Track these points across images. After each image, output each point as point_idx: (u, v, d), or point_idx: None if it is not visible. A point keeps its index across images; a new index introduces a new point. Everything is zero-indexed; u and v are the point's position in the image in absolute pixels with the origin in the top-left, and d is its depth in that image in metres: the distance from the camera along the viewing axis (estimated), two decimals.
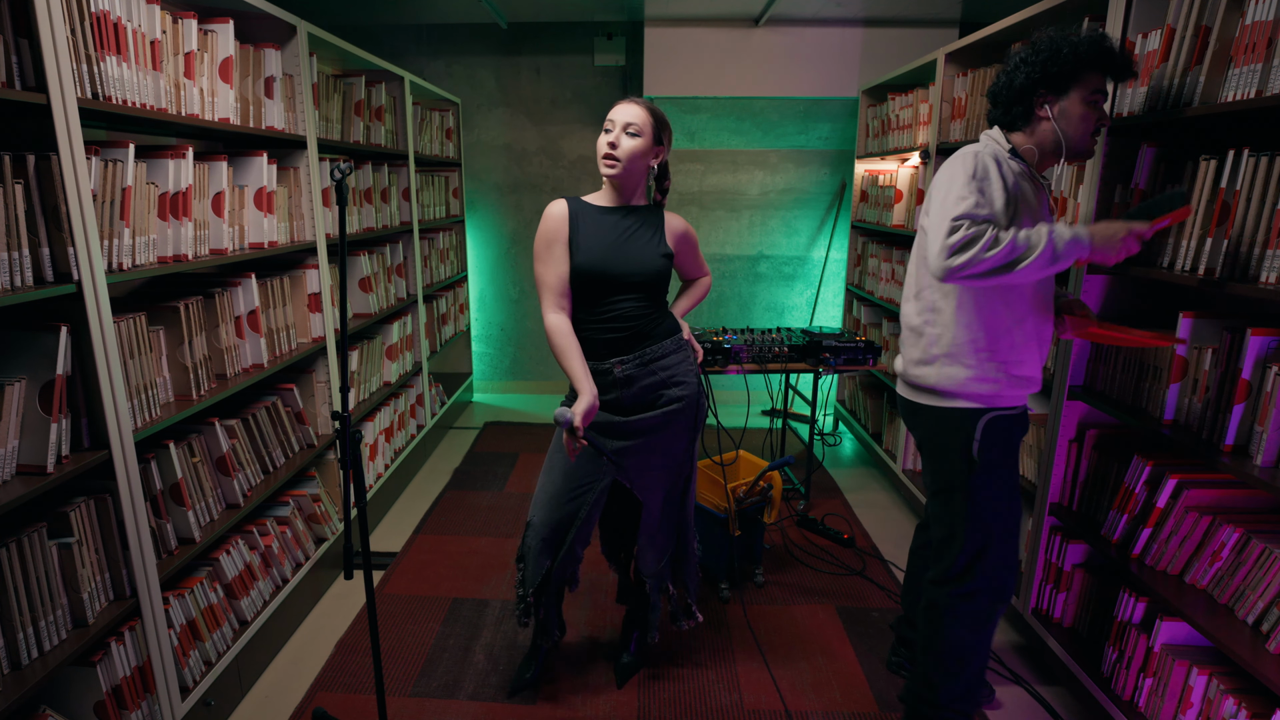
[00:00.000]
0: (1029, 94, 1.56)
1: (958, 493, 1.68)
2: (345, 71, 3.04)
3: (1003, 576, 1.70)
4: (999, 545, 1.68)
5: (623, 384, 1.77)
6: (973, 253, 1.40)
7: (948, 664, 1.73)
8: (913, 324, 1.73)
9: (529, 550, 1.90)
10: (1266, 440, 1.48)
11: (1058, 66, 1.51)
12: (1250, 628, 1.52)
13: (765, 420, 4.38)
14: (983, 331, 1.61)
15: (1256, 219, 1.46)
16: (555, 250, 1.72)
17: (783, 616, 2.39)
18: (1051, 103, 1.55)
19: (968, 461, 1.65)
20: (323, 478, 2.57)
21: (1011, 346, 1.61)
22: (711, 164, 4.29)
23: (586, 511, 1.84)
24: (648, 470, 1.84)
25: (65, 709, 1.50)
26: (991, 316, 1.60)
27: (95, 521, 1.52)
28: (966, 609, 1.70)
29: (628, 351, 1.76)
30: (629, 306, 1.74)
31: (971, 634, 1.72)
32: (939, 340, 1.66)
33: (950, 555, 1.70)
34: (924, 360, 1.69)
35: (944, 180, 1.51)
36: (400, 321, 3.32)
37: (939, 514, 1.74)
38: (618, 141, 1.69)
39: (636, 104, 1.71)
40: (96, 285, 1.46)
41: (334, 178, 1.42)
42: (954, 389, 1.65)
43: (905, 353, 1.77)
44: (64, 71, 1.37)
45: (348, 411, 1.49)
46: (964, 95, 2.76)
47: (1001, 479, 1.67)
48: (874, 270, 3.69)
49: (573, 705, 1.98)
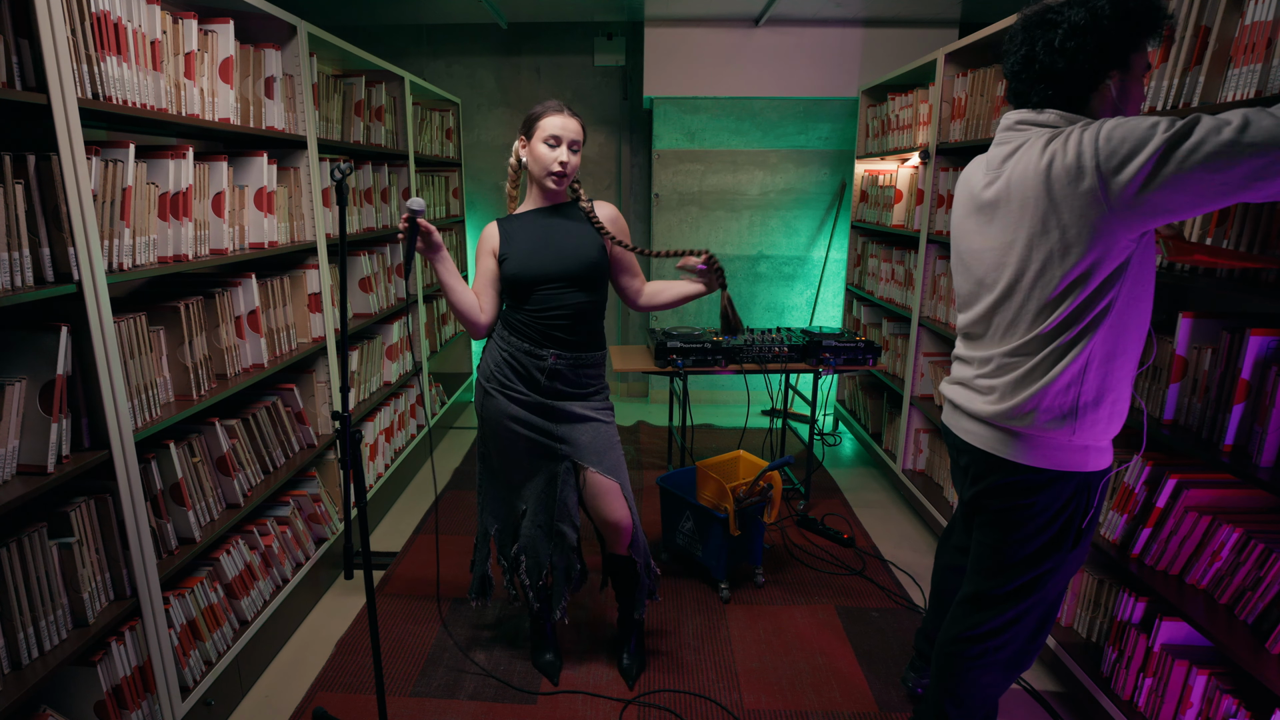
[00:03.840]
0: (1098, 70, 1.28)
1: (1037, 559, 1.42)
2: (345, 71, 3.04)
3: (1043, 628, 1.52)
4: (1048, 607, 1.50)
5: (553, 375, 1.86)
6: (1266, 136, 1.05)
7: (969, 705, 1.58)
8: (1029, 358, 1.35)
9: (533, 539, 1.95)
10: (1266, 440, 1.48)
11: (1125, 33, 1.26)
12: (1250, 628, 1.52)
13: (765, 420, 4.38)
14: (1120, 359, 1.31)
15: (1256, 219, 1.46)
16: (483, 261, 1.87)
17: (783, 616, 2.39)
18: (1116, 80, 1.30)
19: (1075, 536, 1.39)
20: (323, 478, 2.57)
21: (1127, 377, 1.34)
22: (711, 164, 4.29)
23: (568, 496, 1.90)
24: (602, 447, 1.90)
25: (65, 709, 1.50)
26: (1128, 338, 1.30)
27: (95, 521, 1.52)
28: (996, 659, 1.53)
29: (564, 348, 1.85)
30: (572, 299, 1.83)
31: (999, 679, 1.56)
32: (1081, 376, 1.31)
33: (991, 612, 1.50)
34: (1052, 404, 1.33)
35: (1123, 134, 1.16)
36: (400, 321, 3.32)
37: (991, 568, 1.48)
38: (567, 160, 1.79)
39: (573, 117, 1.81)
40: (97, 285, 1.46)
41: (334, 178, 1.43)
42: (1080, 446, 1.34)
43: (1010, 392, 1.38)
44: (64, 71, 1.37)
45: (348, 411, 1.49)
46: (964, 95, 2.76)
47: (1086, 547, 1.45)
48: (874, 270, 3.69)
49: (573, 704, 1.98)
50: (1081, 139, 1.21)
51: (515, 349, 1.85)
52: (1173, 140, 1.12)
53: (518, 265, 1.81)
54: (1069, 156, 1.22)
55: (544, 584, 2.00)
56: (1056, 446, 1.36)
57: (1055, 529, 1.41)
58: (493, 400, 1.88)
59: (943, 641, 1.61)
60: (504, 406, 1.86)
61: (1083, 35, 1.26)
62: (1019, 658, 1.54)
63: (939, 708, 1.63)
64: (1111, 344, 1.30)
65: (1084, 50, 1.27)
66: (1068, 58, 1.29)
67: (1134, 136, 1.15)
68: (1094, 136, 1.20)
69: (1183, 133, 1.11)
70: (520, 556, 1.99)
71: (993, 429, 1.43)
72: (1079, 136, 1.22)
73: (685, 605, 2.44)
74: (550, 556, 1.95)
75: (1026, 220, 1.31)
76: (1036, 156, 1.28)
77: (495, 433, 1.91)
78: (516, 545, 2.00)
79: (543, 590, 2.01)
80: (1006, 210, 1.35)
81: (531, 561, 1.97)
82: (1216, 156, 1.08)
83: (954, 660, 1.57)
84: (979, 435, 1.46)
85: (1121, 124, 1.18)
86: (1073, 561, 1.45)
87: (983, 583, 1.52)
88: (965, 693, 1.58)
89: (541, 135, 1.78)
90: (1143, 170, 1.15)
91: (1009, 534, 1.45)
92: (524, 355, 1.84)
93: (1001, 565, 1.47)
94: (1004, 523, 1.45)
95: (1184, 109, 1.62)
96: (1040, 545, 1.42)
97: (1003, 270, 1.37)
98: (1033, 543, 1.42)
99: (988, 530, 1.50)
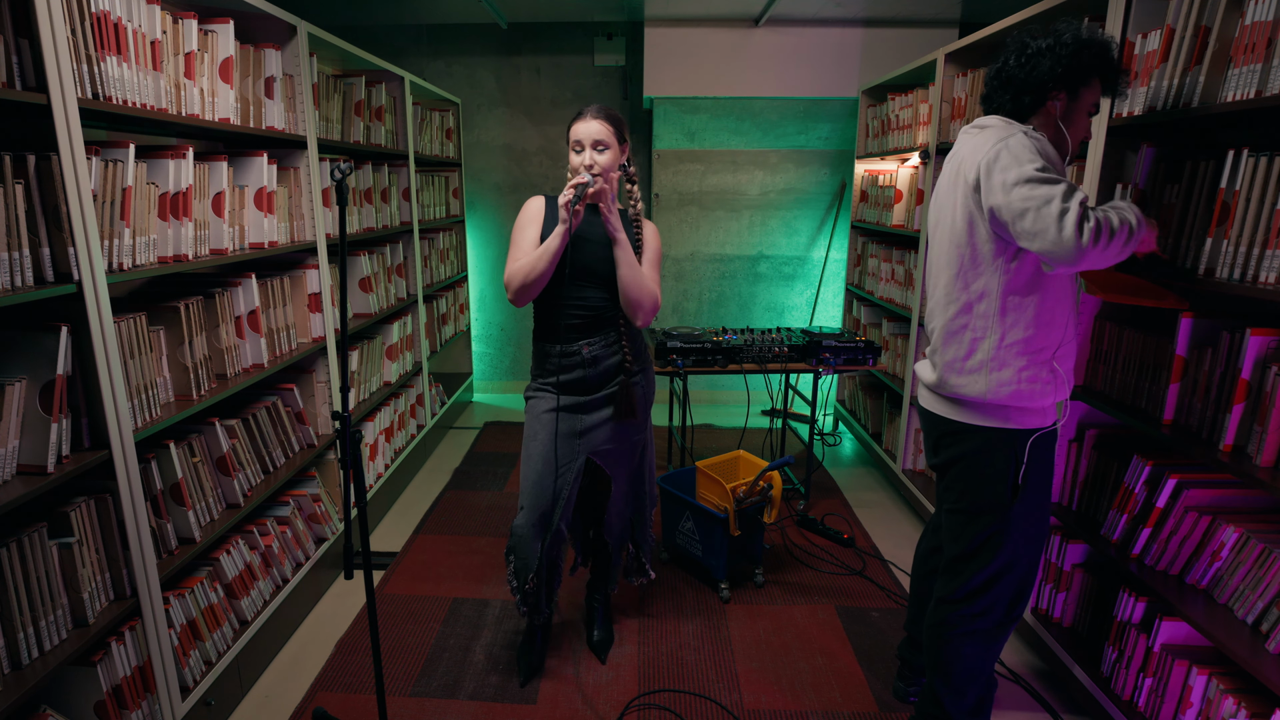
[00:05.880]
0: (1046, 86, 1.49)
1: (988, 515, 1.58)
2: (345, 71, 3.04)
3: (1019, 599, 1.63)
4: (1022, 570, 1.61)
5: (589, 364, 1.91)
6: (1104, 226, 1.33)
7: (956, 681, 1.66)
8: (951, 329, 1.59)
9: (520, 539, 1.97)
10: (1266, 440, 1.48)
11: (1078, 64, 1.46)
12: (1250, 628, 1.52)
13: (765, 420, 4.38)
14: (1035, 328, 1.50)
15: (1256, 219, 1.46)
16: (530, 231, 1.90)
17: (783, 616, 2.39)
18: (1062, 101, 1.51)
19: (1012, 487, 1.55)
20: (323, 478, 2.57)
21: (1061, 341, 1.53)
22: (711, 164, 4.29)
23: (568, 491, 1.95)
24: (613, 448, 1.98)
25: (66, 709, 1.50)
26: (1043, 309, 1.50)
27: (95, 521, 1.52)
28: (976, 627, 1.63)
29: (593, 335, 1.90)
30: (593, 295, 1.88)
31: (981, 651, 1.65)
32: (983, 343, 1.53)
33: (966, 574, 1.62)
34: (968, 368, 1.56)
35: (1006, 163, 1.41)
36: (400, 321, 3.32)
37: (957, 531, 1.64)
38: (593, 161, 1.81)
39: (595, 119, 1.82)
40: (97, 285, 1.46)
41: (334, 178, 1.42)
42: (1004, 399, 1.52)
43: (940, 362, 1.62)
44: (64, 71, 1.37)
45: (348, 411, 1.49)
46: (964, 95, 2.76)
47: (1039, 502, 1.59)
48: (874, 270, 3.69)
49: (573, 704, 1.98)
50: (987, 142, 1.47)
51: (554, 353, 1.90)
52: (1062, 205, 1.35)
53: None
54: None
55: (529, 587, 2.00)
56: (972, 400, 1.57)
57: (991, 483, 1.57)
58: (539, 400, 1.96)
59: (929, 611, 1.72)
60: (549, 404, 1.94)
61: (1041, 56, 1.49)
62: (997, 628, 1.65)
63: (932, 691, 1.72)
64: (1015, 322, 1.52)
65: (1039, 68, 1.49)
66: (1025, 71, 1.51)
67: (1010, 169, 1.41)
68: (990, 147, 1.45)
69: (1069, 204, 1.35)
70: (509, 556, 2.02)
71: (930, 391, 1.69)
72: (993, 140, 1.46)
73: (685, 605, 2.44)
74: (545, 553, 1.98)
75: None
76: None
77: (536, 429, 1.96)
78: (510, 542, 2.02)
79: (529, 594, 2.02)
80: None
81: (520, 563, 1.99)
82: (1104, 238, 1.35)
83: (938, 630, 1.68)
84: (925, 398, 1.72)
85: (1015, 154, 1.41)
86: (1023, 519, 1.57)
87: (951, 547, 1.67)
88: (951, 668, 1.67)
89: (571, 142, 1.85)
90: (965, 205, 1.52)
91: (958, 491, 1.63)
92: (560, 357, 1.89)
93: (959, 525, 1.64)
94: (951, 481, 1.65)
95: (1184, 109, 1.62)
96: (984, 501, 1.58)
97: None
98: (976, 498, 1.59)
99: (944, 495, 1.69)
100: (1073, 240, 1.32)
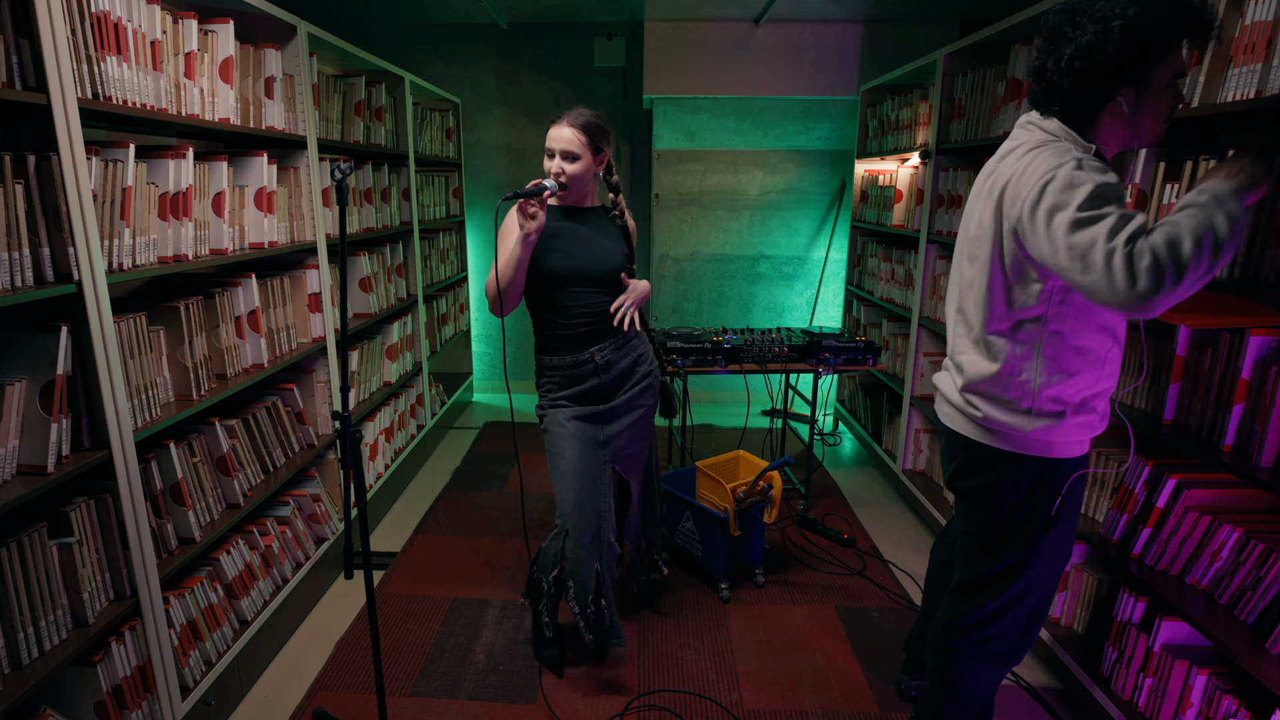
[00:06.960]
0: (1110, 88, 1.24)
1: (1014, 543, 1.45)
2: (345, 71, 3.04)
3: (1032, 626, 1.53)
4: (1038, 597, 1.51)
5: (603, 369, 1.90)
6: (1168, 262, 1.08)
7: (962, 699, 1.60)
8: (987, 344, 1.41)
9: (575, 562, 1.91)
10: (1266, 440, 1.48)
11: (1135, 50, 1.19)
12: (1250, 628, 1.52)
13: (765, 420, 4.38)
14: (1083, 365, 1.35)
15: (1256, 219, 1.46)
16: (509, 241, 1.86)
17: (783, 616, 2.39)
18: (1131, 96, 1.25)
19: (1046, 519, 1.42)
20: (323, 478, 2.57)
21: (1098, 379, 1.38)
22: (711, 164, 4.28)
23: (606, 503, 1.93)
24: (631, 452, 2.00)
25: (65, 709, 1.50)
26: (1091, 343, 1.34)
27: (95, 521, 1.52)
28: (989, 651, 1.54)
29: (602, 340, 1.90)
30: (596, 300, 1.88)
31: (991, 671, 1.58)
32: (1030, 385, 1.36)
33: (978, 600, 1.52)
34: (1006, 397, 1.40)
35: (1050, 205, 1.19)
36: (400, 321, 3.32)
37: (975, 556, 1.52)
38: (561, 169, 1.82)
39: (568, 127, 1.81)
40: (97, 285, 1.46)
41: (334, 178, 1.42)
42: (1048, 437, 1.38)
43: (969, 381, 1.44)
44: (64, 72, 1.37)
45: (348, 411, 1.49)
46: (964, 95, 2.76)
47: (1068, 534, 1.47)
48: (874, 270, 3.69)
49: (573, 704, 1.98)
50: (1038, 165, 1.26)
51: (562, 365, 1.90)
52: (1126, 248, 1.15)
53: (558, 263, 1.84)
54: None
55: (590, 610, 1.96)
56: (1012, 432, 1.41)
57: (1024, 512, 1.44)
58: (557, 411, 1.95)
59: (934, 634, 1.64)
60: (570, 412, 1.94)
61: (1089, 56, 1.22)
62: (1010, 652, 1.56)
63: (934, 704, 1.65)
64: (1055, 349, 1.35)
65: (1089, 72, 1.23)
66: (1074, 78, 1.25)
67: (1057, 194, 1.22)
68: (1034, 174, 1.25)
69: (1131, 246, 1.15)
70: (568, 581, 1.97)
71: (959, 411, 1.51)
72: (1046, 166, 1.25)
73: (685, 605, 2.44)
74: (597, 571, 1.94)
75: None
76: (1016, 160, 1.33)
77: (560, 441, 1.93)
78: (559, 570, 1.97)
79: (595, 618, 1.98)
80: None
81: (579, 586, 1.95)
82: (1183, 277, 1.13)
83: (944, 653, 1.59)
84: (950, 416, 1.54)
85: (1067, 182, 1.21)
86: (1049, 551, 1.46)
87: (966, 571, 1.56)
88: (957, 686, 1.60)
89: (545, 145, 1.85)
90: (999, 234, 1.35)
91: (983, 516, 1.49)
92: (571, 368, 1.89)
93: (979, 551, 1.51)
94: (977, 505, 1.50)
95: (1184, 109, 1.62)
96: (1011, 528, 1.45)
97: None
98: (1004, 525, 1.46)
99: (966, 517, 1.55)
100: (1125, 291, 1.10)
